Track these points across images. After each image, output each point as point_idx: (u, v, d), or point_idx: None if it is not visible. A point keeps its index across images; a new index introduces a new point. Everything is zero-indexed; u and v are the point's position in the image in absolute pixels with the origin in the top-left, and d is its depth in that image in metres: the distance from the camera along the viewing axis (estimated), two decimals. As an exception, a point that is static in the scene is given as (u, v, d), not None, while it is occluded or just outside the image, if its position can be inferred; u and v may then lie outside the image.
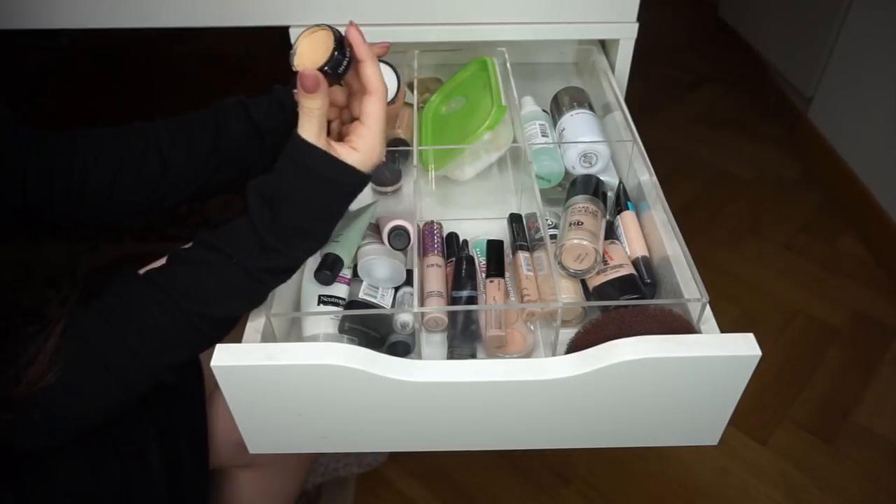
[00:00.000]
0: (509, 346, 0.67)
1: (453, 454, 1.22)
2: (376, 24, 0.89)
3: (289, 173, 0.57)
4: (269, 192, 0.57)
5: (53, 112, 2.14)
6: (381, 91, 0.59)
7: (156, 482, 0.66)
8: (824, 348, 1.42)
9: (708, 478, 1.21)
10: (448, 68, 0.95)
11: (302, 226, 0.57)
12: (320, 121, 0.56)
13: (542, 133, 0.83)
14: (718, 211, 1.77)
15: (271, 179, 0.57)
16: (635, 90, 0.97)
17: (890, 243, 1.55)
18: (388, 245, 0.71)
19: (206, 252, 0.56)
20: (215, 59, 2.36)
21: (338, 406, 0.60)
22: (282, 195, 0.56)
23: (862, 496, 1.17)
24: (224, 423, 0.74)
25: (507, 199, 0.85)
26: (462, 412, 0.60)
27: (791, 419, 1.29)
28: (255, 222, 0.56)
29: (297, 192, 0.56)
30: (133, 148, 0.68)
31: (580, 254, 0.66)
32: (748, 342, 0.56)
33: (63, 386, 0.53)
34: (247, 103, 0.70)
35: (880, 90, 1.56)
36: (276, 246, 0.56)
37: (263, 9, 0.88)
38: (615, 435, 0.64)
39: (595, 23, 0.90)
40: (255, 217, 0.56)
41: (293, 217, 0.56)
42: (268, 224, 0.56)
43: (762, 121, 2.07)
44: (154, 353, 0.55)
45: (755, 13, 2.22)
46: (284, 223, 0.56)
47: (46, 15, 0.89)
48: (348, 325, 0.68)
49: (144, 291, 0.55)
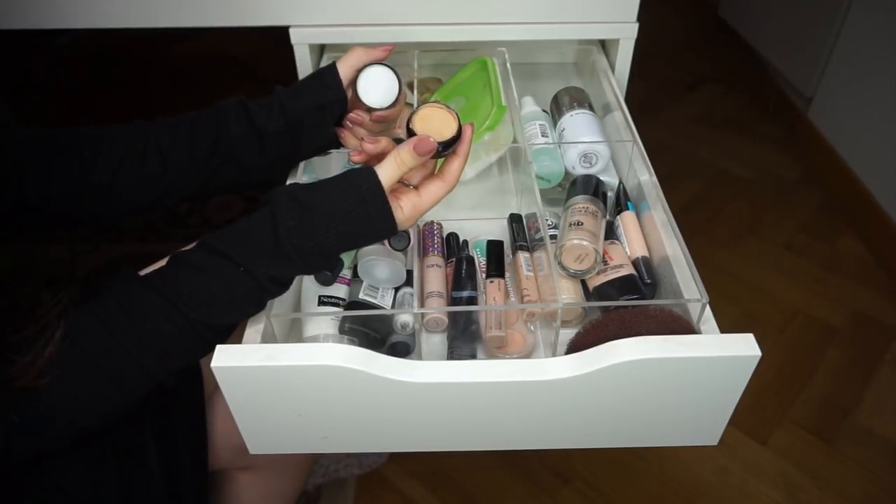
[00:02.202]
0: (509, 346, 0.67)
1: (453, 454, 1.22)
2: (376, 24, 0.89)
3: (337, 192, 0.57)
4: (307, 199, 0.56)
5: (53, 112, 2.14)
6: (452, 185, 0.62)
7: (154, 484, 0.66)
8: (824, 348, 1.42)
9: (708, 478, 1.21)
10: (448, 68, 0.95)
11: (322, 244, 0.57)
12: (400, 174, 0.59)
13: (542, 133, 0.83)
14: (718, 211, 1.76)
15: (313, 189, 0.58)
16: (635, 90, 0.97)
17: (890, 243, 1.55)
18: (388, 245, 0.71)
19: (210, 257, 0.56)
20: (215, 59, 2.36)
21: (338, 406, 0.60)
22: (318, 208, 0.56)
23: (862, 496, 1.17)
24: (223, 424, 0.74)
25: (507, 199, 0.85)
26: (462, 412, 0.60)
27: (791, 419, 1.29)
28: (278, 223, 0.55)
29: (334, 214, 0.57)
30: (133, 147, 0.68)
31: (580, 254, 0.66)
32: (748, 342, 0.56)
33: (61, 391, 0.52)
34: (247, 105, 0.70)
35: (880, 90, 1.56)
36: (290, 253, 0.55)
37: (264, 9, 0.88)
38: (615, 435, 0.64)
39: (595, 23, 0.90)
40: (280, 217, 0.55)
41: (318, 232, 0.56)
42: (290, 227, 0.55)
43: (762, 121, 2.07)
44: (154, 359, 0.55)
45: (755, 13, 2.22)
46: (307, 234, 0.56)
47: (46, 15, 0.89)
48: (348, 325, 0.68)
49: (145, 296, 0.55)
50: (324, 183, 0.59)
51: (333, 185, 0.58)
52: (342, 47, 0.77)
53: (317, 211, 0.56)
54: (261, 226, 0.56)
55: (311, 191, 0.58)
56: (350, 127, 0.74)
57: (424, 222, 0.77)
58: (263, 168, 0.72)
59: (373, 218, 0.58)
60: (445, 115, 0.62)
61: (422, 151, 0.58)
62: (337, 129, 0.74)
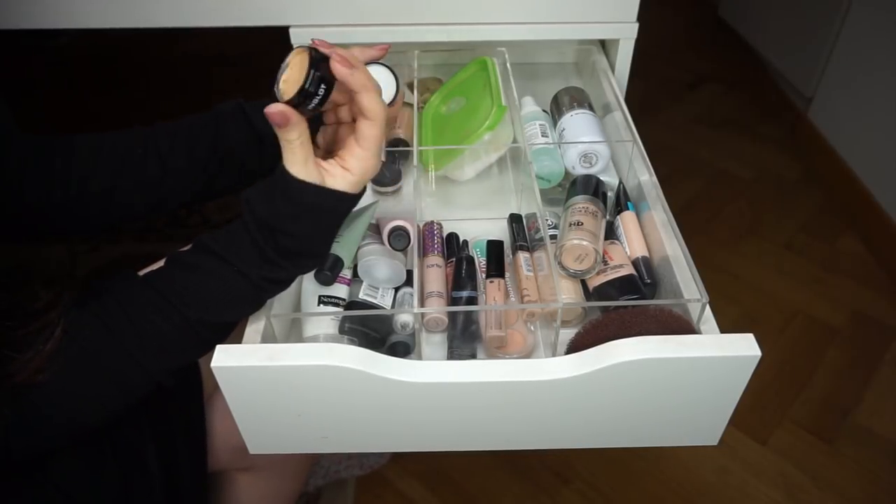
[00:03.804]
0: (509, 346, 0.67)
1: (453, 454, 1.22)
2: (376, 24, 0.89)
3: (280, 206, 0.54)
4: (263, 219, 0.55)
5: (53, 112, 2.14)
6: (380, 116, 0.55)
7: (154, 485, 0.66)
8: (824, 348, 1.42)
9: (708, 478, 1.21)
10: (448, 68, 0.95)
11: (300, 250, 0.56)
12: (303, 149, 0.53)
13: (542, 133, 0.83)
14: (718, 211, 1.77)
15: (264, 208, 0.55)
16: (635, 90, 0.97)
17: (890, 243, 1.55)
18: (388, 245, 0.71)
19: (206, 257, 0.56)
20: (215, 59, 2.36)
21: (338, 406, 0.60)
22: (276, 226, 0.55)
23: (862, 496, 1.17)
24: (223, 425, 0.74)
25: (507, 199, 0.85)
26: (462, 412, 0.60)
27: (791, 419, 1.29)
28: (255, 237, 0.55)
29: (291, 223, 0.55)
30: (132, 153, 0.68)
31: (580, 254, 0.66)
32: (748, 342, 0.56)
33: (61, 389, 0.52)
34: (245, 107, 0.70)
35: (880, 90, 1.56)
36: (277, 261, 0.56)
37: (263, 9, 0.88)
38: (615, 435, 0.64)
39: (595, 23, 0.90)
40: (254, 233, 0.55)
41: (291, 243, 0.56)
42: (266, 240, 0.55)
43: (762, 121, 2.07)
44: (153, 358, 0.55)
45: (755, 13, 2.22)
46: (282, 247, 0.55)
47: (46, 15, 0.89)
48: (348, 325, 0.68)
49: (144, 296, 0.55)
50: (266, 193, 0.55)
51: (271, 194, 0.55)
52: (342, 47, 0.76)
53: (272, 227, 0.55)
54: (242, 234, 0.56)
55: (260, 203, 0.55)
56: None
57: (424, 222, 0.77)
58: (263, 170, 0.72)
59: (320, 207, 0.55)
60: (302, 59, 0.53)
61: (277, 122, 0.52)
62: None
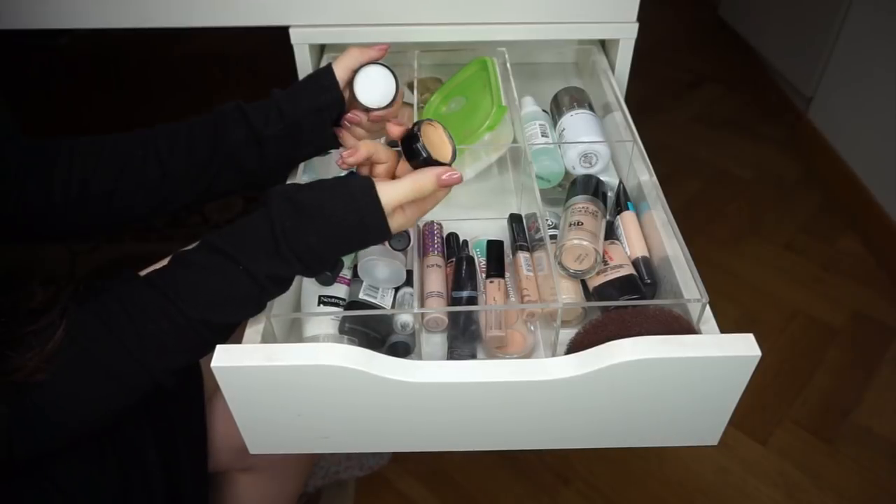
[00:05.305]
0: (509, 346, 0.67)
1: (453, 454, 1.22)
2: (376, 24, 0.89)
3: (334, 199, 0.57)
4: (304, 201, 0.56)
5: (53, 112, 2.14)
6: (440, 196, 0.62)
7: (154, 485, 0.66)
8: (824, 348, 1.42)
9: (708, 478, 1.21)
10: (448, 68, 0.95)
11: (317, 248, 0.57)
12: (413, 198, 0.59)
13: (542, 133, 0.83)
14: (718, 211, 1.76)
15: (311, 191, 0.57)
16: (635, 90, 0.97)
17: (890, 243, 1.55)
18: (388, 245, 0.71)
19: (210, 256, 0.56)
20: (215, 59, 2.36)
21: (338, 406, 0.60)
22: (315, 214, 0.56)
23: (861, 496, 1.17)
24: (223, 426, 0.74)
25: (507, 199, 0.85)
26: (462, 412, 0.60)
27: (791, 419, 1.29)
28: (274, 225, 0.55)
29: (330, 221, 0.56)
30: (132, 155, 0.68)
31: (580, 254, 0.66)
32: (748, 342, 0.56)
33: (62, 388, 0.52)
34: (245, 109, 0.70)
35: (880, 90, 1.56)
36: (287, 255, 0.56)
37: (263, 9, 0.88)
38: (615, 435, 0.64)
39: (595, 23, 0.90)
40: (276, 219, 0.56)
41: (313, 236, 0.56)
42: (287, 229, 0.55)
43: (762, 121, 2.07)
44: (154, 359, 0.55)
45: (755, 13, 2.22)
46: (302, 236, 0.56)
47: (46, 15, 0.89)
48: (348, 325, 0.68)
49: (146, 295, 0.55)
50: (322, 186, 0.58)
51: (331, 191, 0.58)
52: (342, 47, 0.77)
53: (313, 215, 0.56)
54: (259, 226, 0.56)
55: (309, 192, 0.58)
56: (348, 127, 0.74)
57: (424, 222, 0.77)
58: (263, 172, 0.72)
59: (370, 228, 0.58)
60: (442, 136, 0.62)
61: (447, 184, 0.59)
62: (335, 129, 0.74)
